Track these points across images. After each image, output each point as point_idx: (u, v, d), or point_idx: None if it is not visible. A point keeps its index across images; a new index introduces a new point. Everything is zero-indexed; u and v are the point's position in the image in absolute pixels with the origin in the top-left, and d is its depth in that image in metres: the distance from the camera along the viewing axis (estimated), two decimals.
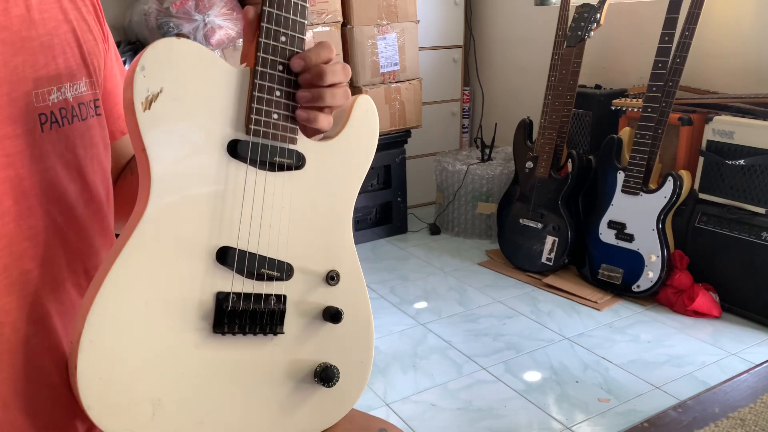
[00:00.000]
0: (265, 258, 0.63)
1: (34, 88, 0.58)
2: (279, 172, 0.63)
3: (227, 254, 0.61)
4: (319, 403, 0.68)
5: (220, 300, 0.61)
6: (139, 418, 0.58)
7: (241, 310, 0.62)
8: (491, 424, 1.49)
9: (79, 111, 0.63)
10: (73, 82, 0.63)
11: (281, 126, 0.62)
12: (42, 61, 0.59)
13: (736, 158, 1.87)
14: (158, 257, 0.58)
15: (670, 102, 1.96)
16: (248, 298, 0.62)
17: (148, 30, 2.24)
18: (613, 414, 1.51)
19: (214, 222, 0.60)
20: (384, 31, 2.51)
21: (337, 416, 0.70)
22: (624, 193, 2.05)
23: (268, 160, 0.62)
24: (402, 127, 2.66)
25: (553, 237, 2.24)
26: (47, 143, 0.59)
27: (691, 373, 1.66)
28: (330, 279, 0.67)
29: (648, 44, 2.19)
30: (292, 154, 0.63)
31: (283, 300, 0.64)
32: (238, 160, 0.61)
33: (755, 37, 2.03)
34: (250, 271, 0.62)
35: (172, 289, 0.59)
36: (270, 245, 0.63)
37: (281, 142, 0.62)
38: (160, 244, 0.58)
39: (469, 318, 2.01)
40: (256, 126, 0.60)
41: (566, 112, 2.23)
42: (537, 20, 2.80)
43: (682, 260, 1.99)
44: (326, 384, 0.66)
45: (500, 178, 2.58)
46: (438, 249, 2.60)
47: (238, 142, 0.60)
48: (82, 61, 0.65)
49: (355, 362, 0.70)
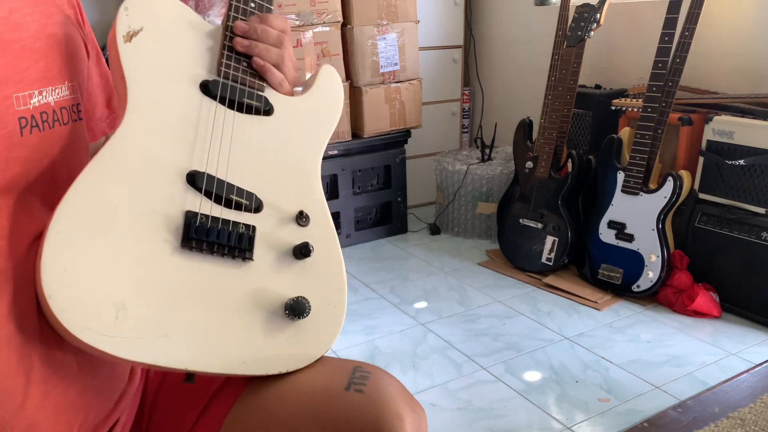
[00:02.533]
0: (234, 186, 0.66)
1: (15, 92, 0.58)
2: (248, 114, 0.70)
3: (196, 177, 0.64)
4: (288, 341, 0.67)
5: (189, 217, 0.63)
6: (100, 319, 0.57)
7: (210, 227, 0.63)
8: (491, 424, 1.49)
9: (60, 115, 0.63)
10: (55, 86, 0.63)
11: (249, 73, 0.71)
12: (23, 65, 0.59)
13: (736, 158, 1.87)
14: (130, 169, 0.61)
15: (670, 102, 1.96)
16: (217, 221, 0.64)
17: None
18: (613, 414, 1.51)
19: (184, 147, 0.65)
20: (384, 31, 2.51)
21: (308, 358, 0.68)
22: (624, 193, 2.05)
23: (237, 100, 0.68)
24: (402, 127, 2.66)
25: (553, 237, 2.24)
26: (26, 147, 0.59)
27: (691, 373, 1.66)
28: (301, 218, 0.69)
29: (648, 44, 2.19)
30: (260, 98, 0.71)
31: (252, 229, 0.66)
32: (210, 97, 0.67)
33: (755, 37, 2.03)
34: (218, 195, 0.65)
35: (142, 199, 0.61)
36: (239, 177, 0.67)
37: (249, 87, 0.70)
38: (132, 158, 0.62)
39: (469, 318, 2.01)
40: (226, 69, 0.69)
41: (566, 112, 2.23)
42: (537, 20, 2.80)
43: (682, 260, 1.99)
44: (296, 316, 0.66)
45: (500, 178, 2.58)
46: (438, 249, 2.60)
47: (209, 81, 0.68)
48: (65, 65, 0.65)
49: (327, 305, 0.70)
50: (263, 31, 0.71)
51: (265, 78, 0.72)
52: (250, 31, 0.70)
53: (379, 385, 0.68)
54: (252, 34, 0.71)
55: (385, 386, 0.69)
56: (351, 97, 2.53)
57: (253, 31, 0.71)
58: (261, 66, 0.70)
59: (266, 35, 0.71)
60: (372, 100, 2.53)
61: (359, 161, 2.61)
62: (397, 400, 0.67)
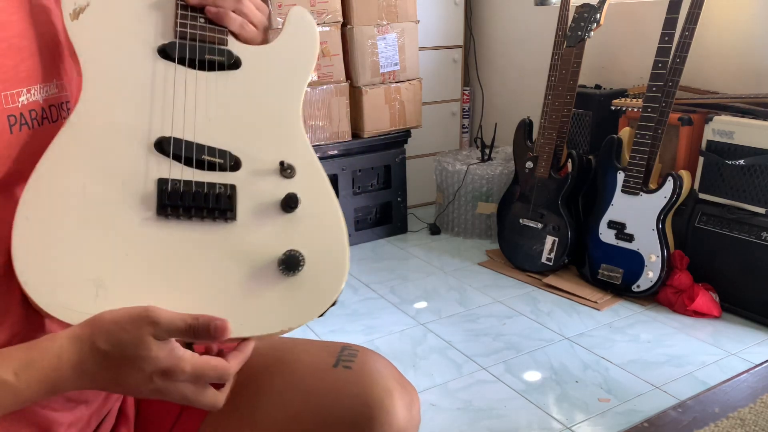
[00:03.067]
0: (204, 146, 0.64)
1: (2, 90, 0.58)
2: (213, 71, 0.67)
3: (163, 143, 0.63)
4: (287, 297, 0.63)
5: (161, 184, 0.61)
6: (80, 297, 0.56)
7: (183, 191, 0.61)
8: (491, 424, 1.49)
9: (49, 113, 0.63)
10: (44, 84, 0.63)
11: (208, 28, 0.67)
12: (11, 63, 0.59)
13: (736, 158, 1.87)
14: (93, 145, 0.61)
15: (670, 102, 1.96)
16: (190, 184, 0.62)
17: None
18: (613, 414, 1.51)
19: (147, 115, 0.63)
20: (384, 31, 2.51)
21: (311, 313, 0.63)
22: (624, 193, 2.05)
23: (198, 58, 0.66)
24: (402, 127, 2.66)
25: (553, 237, 2.24)
26: (15, 145, 0.59)
27: (691, 373, 1.66)
28: (284, 170, 0.66)
29: (648, 44, 2.19)
30: (222, 52, 0.67)
31: (231, 188, 0.63)
32: (168, 60, 0.66)
33: (755, 37, 2.03)
34: (188, 158, 0.63)
35: (109, 173, 0.60)
36: (211, 136, 0.65)
37: (209, 43, 0.67)
38: (93, 134, 0.61)
39: (469, 318, 2.01)
40: (182, 29, 0.66)
41: (566, 112, 2.23)
42: (537, 20, 2.80)
43: (682, 260, 1.99)
44: (290, 270, 0.62)
45: (500, 178, 2.58)
46: (438, 249, 2.60)
47: (166, 44, 0.66)
48: (54, 62, 0.65)
49: (325, 254, 0.64)
50: None
51: (224, 24, 0.68)
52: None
53: (367, 362, 0.68)
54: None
55: (373, 362, 0.69)
56: (351, 97, 2.53)
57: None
58: (215, 13, 0.67)
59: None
60: (372, 100, 2.53)
61: (359, 161, 2.61)
62: (386, 376, 0.67)
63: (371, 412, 0.63)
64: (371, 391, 0.64)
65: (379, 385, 0.65)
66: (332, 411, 0.65)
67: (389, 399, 0.64)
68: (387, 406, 0.64)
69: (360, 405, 0.64)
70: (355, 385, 0.65)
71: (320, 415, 0.65)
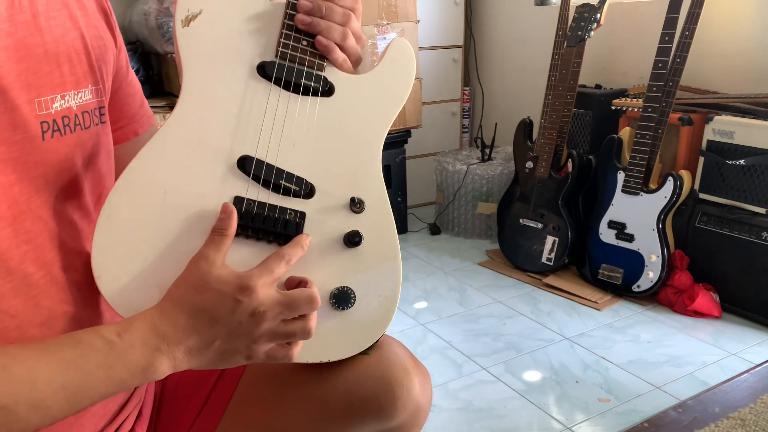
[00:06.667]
0: (283, 171, 0.65)
1: (37, 96, 0.58)
2: (306, 96, 0.66)
3: (246, 162, 0.63)
4: (334, 331, 0.66)
5: (237, 202, 0.62)
6: (145, 300, 0.59)
7: (256, 213, 0.62)
8: (491, 424, 1.49)
9: (82, 119, 0.63)
10: (78, 90, 0.63)
11: (309, 52, 0.66)
12: (46, 69, 0.59)
13: (736, 158, 1.87)
14: (179, 155, 0.62)
15: (670, 102, 1.95)
16: (264, 206, 0.63)
17: (147, 30, 2.24)
18: (613, 414, 1.50)
19: (236, 132, 0.64)
20: (384, 31, 2.51)
21: (353, 349, 0.68)
22: (624, 193, 2.04)
23: (293, 81, 0.65)
24: (402, 127, 2.65)
25: (553, 237, 2.24)
26: (46, 151, 0.59)
27: (691, 373, 1.66)
28: (354, 205, 0.67)
29: (648, 44, 2.19)
30: (319, 78, 0.67)
31: (300, 215, 0.65)
32: (266, 79, 0.65)
33: (755, 37, 2.03)
34: (267, 180, 0.64)
35: (190, 184, 0.62)
36: (292, 162, 0.65)
37: (308, 68, 0.66)
38: (182, 143, 0.62)
39: (469, 318, 2.01)
40: (284, 49, 0.65)
41: (566, 112, 2.23)
42: (537, 20, 2.79)
43: (682, 260, 1.99)
44: (340, 306, 0.65)
45: (500, 178, 2.58)
46: (438, 249, 2.60)
47: (266, 63, 0.65)
48: (89, 68, 0.65)
49: (377, 296, 0.67)
50: (328, 8, 0.67)
51: (329, 58, 0.68)
52: (314, 9, 0.67)
53: (383, 345, 0.73)
54: (316, 12, 0.67)
55: (388, 345, 0.74)
56: None
57: (317, 9, 0.67)
58: (325, 46, 0.66)
59: (331, 13, 0.67)
60: None
61: None
62: (402, 357, 0.74)
63: (392, 390, 0.70)
64: (390, 373, 0.71)
65: (397, 365, 0.72)
66: (358, 392, 0.71)
67: (407, 378, 0.71)
68: (406, 384, 0.71)
69: (382, 385, 0.70)
70: (376, 368, 0.71)
71: (347, 398, 0.71)
